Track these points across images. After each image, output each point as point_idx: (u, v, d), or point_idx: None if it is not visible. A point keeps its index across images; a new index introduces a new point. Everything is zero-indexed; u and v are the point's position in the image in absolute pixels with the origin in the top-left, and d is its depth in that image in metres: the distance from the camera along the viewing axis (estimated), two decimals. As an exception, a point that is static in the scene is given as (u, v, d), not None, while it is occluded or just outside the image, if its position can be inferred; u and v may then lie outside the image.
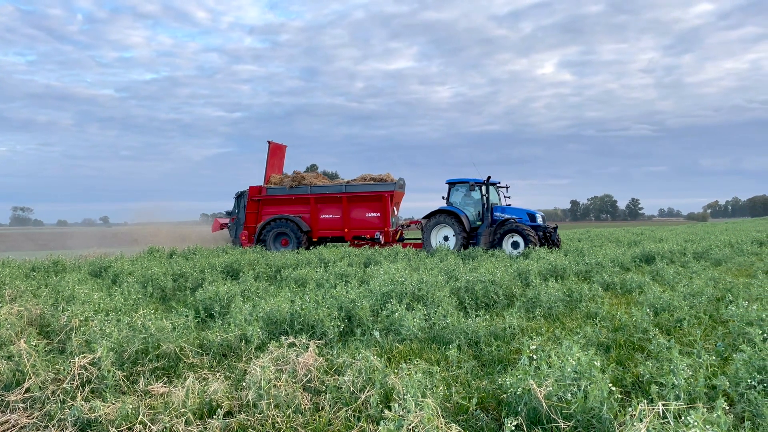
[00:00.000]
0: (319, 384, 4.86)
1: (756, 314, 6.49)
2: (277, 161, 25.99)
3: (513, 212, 20.68)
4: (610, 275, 11.51)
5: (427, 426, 3.49)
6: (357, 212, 22.81)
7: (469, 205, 21.06)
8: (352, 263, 15.10)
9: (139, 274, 12.05)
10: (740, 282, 10.35)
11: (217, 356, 6.06)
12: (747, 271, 13.29)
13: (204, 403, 4.51)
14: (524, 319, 7.83)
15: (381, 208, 22.53)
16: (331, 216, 23.06)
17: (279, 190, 23.79)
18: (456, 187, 21.38)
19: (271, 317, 6.98)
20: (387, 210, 22.31)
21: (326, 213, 23.13)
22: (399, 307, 7.28)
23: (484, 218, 20.66)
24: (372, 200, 22.62)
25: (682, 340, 6.41)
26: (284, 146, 26.77)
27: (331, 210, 23.07)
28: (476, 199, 20.96)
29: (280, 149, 26.34)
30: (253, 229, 23.55)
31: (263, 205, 23.89)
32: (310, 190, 23.25)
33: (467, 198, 21.12)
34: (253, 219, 23.83)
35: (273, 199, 23.75)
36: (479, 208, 20.93)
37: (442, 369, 5.49)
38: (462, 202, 21.15)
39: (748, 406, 4.27)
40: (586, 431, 3.88)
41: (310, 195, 23.15)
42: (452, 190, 21.42)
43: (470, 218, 20.56)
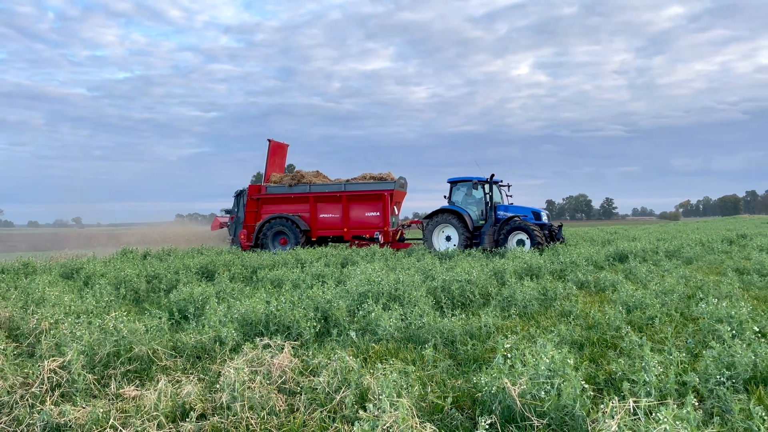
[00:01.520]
0: (294, 385, 4.83)
1: (725, 311, 6.62)
2: (278, 160, 25.73)
3: (517, 210, 20.35)
4: (584, 274, 11.64)
5: (401, 426, 3.49)
6: (356, 211, 22.54)
7: (472, 204, 20.69)
8: (329, 263, 15.06)
9: (112, 275, 11.86)
10: (710, 280, 10.54)
11: (190, 358, 5.99)
12: (717, 269, 13.54)
13: (177, 405, 4.46)
14: (500, 318, 7.88)
15: (380, 208, 22.22)
16: (331, 215, 22.82)
17: (278, 189, 23.55)
18: (458, 186, 21.01)
19: (246, 318, 6.92)
20: (386, 209, 21.98)
21: (325, 212, 22.89)
22: (375, 307, 7.28)
23: (488, 217, 20.25)
24: (371, 199, 22.32)
25: (653, 338, 6.50)
26: (286, 145, 26.51)
27: (331, 209, 22.82)
28: (478, 197, 20.61)
29: (281, 148, 26.09)
30: (252, 228, 23.29)
31: (263, 203, 23.66)
32: (310, 188, 22.99)
33: (469, 197, 20.76)
34: (252, 218, 23.58)
35: (272, 197, 23.51)
36: (482, 206, 20.55)
37: (417, 368, 5.50)
38: (464, 201, 20.77)
39: (718, 402, 4.35)
40: (560, 429, 3.92)
41: (309, 194, 22.89)
42: (454, 189, 21.04)
43: (473, 217, 20.19)
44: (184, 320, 7.99)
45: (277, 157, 25.50)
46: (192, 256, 17.45)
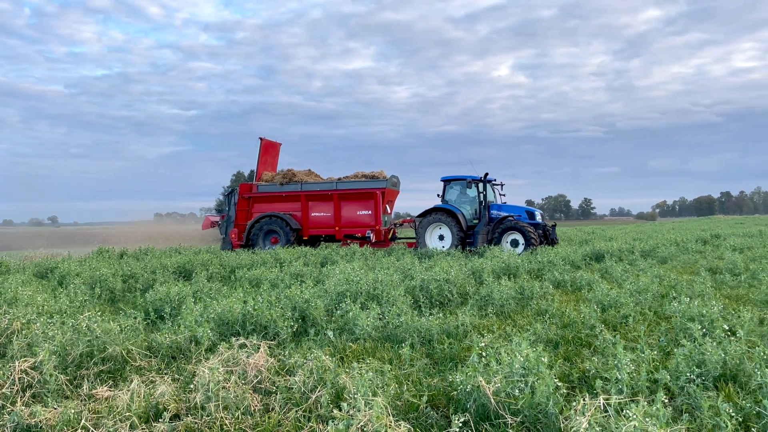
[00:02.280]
0: (269, 385, 4.82)
1: (697, 310, 6.74)
2: (270, 158, 25.51)
3: (511, 210, 20.21)
4: (561, 273, 11.76)
5: (375, 424, 3.50)
6: (348, 210, 22.37)
7: (465, 202, 20.52)
8: (308, 263, 15.03)
9: (87, 275, 11.71)
10: (684, 279, 10.71)
11: (165, 358, 5.94)
12: (691, 269, 13.76)
13: (150, 406, 4.41)
14: (477, 316, 7.93)
15: (372, 206, 22.05)
16: (322, 214, 22.66)
17: (270, 188, 23.35)
18: (451, 184, 20.81)
19: (222, 318, 6.88)
20: (378, 208, 21.83)
21: (317, 211, 22.73)
22: (353, 307, 7.28)
23: (481, 216, 20.07)
24: (363, 198, 22.14)
25: (627, 336, 6.59)
26: (278, 144, 26.27)
27: (322, 207, 22.66)
28: (472, 196, 20.45)
29: (273, 146, 25.86)
30: (243, 227, 23.10)
31: (254, 202, 23.46)
32: (301, 187, 22.82)
33: (463, 195, 20.59)
34: (243, 216, 23.37)
35: (264, 196, 23.31)
36: (476, 205, 20.38)
37: (394, 367, 5.51)
38: (458, 200, 20.59)
39: (688, 399, 4.42)
40: (533, 426, 3.96)
41: (300, 192, 22.71)
42: (447, 188, 20.84)
43: (467, 216, 20.01)
44: (160, 320, 7.91)
45: (268, 156, 25.28)
46: (169, 255, 17.29)
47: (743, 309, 7.02)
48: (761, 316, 7.33)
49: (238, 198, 23.49)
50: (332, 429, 3.45)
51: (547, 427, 3.89)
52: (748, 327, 6.07)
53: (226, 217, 24.16)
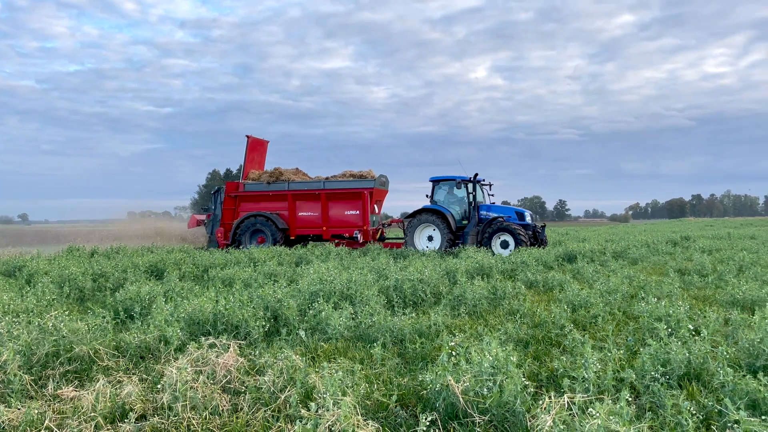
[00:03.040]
0: (239, 385, 4.79)
1: (664, 310, 6.87)
2: (257, 156, 25.20)
3: (500, 210, 20.12)
4: (533, 274, 11.87)
5: (343, 424, 3.50)
6: (336, 210, 22.16)
7: (454, 203, 20.40)
8: (283, 262, 14.96)
9: (56, 274, 11.50)
10: (653, 280, 10.89)
11: (134, 358, 5.87)
12: (660, 270, 14.00)
13: (116, 406, 4.36)
14: (449, 316, 7.97)
15: (360, 206, 21.84)
16: (310, 213, 22.43)
17: (257, 186, 23.07)
18: (440, 184, 20.68)
19: (193, 318, 6.81)
20: (366, 208, 21.62)
21: (304, 210, 22.49)
22: (326, 306, 7.27)
23: (471, 217, 19.96)
24: (351, 197, 21.92)
25: (595, 336, 6.68)
26: (265, 141, 25.97)
27: (310, 207, 22.42)
28: (460, 197, 20.34)
29: (261, 144, 25.56)
30: (229, 226, 22.80)
31: (240, 201, 23.17)
32: (288, 186, 22.56)
33: (451, 196, 20.46)
34: (230, 216, 23.05)
35: (250, 195, 23.03)
36: (465, 206, 20.26)
37: (365, 367, 5.51)
38: (446, 200, 20.46)
39: (652, 398, 4.50)
40: (501, 424, 3.99)
41: (287, 191, 22.45)
42: (436, 188, 20.71)
43: (456, 217, 19.88)
44: (129, 320, 7.81)
45: (255, 154, 24.97)
46: (141, 254, 17.07)
47: (709, 309, 7.19)
48: (726, 316, 7.49)
49: (225, 196, 23.18)
50: (300, 428, 3.44)
51: (515, 425, 3.93)
52: (713, 327, 6.21)
53: (212, 216, 23.87)
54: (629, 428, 3.34)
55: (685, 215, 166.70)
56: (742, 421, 3.28)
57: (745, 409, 3.64)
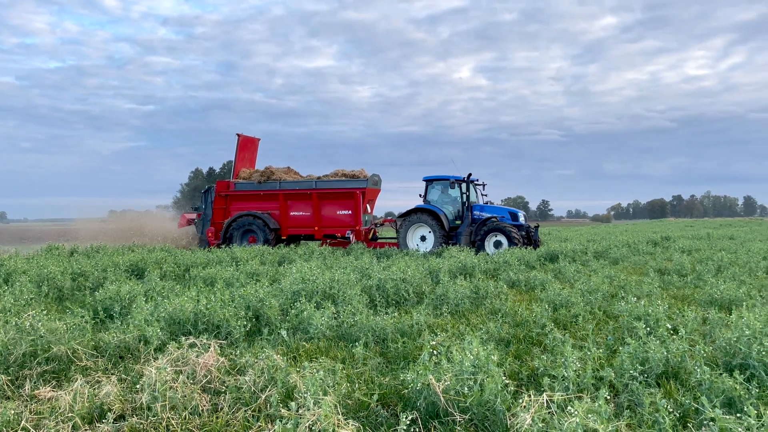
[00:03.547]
0: (219, 384, 4.76)
1: (644, 310, 6.95)
2: (248, 155, 24.86)
3: (494, 211, 20.04)
4: (515, 273, 11.94)
5: (323, 423, 3.49)
6: (328, 209, 21.89)
7: (447, 203, 20.28)
8: (265, 261, 14.90)
9: (34, 273, 11.34)
10: (633, 279, 11.01)
11: (113, 358, 5.81)
12: (641, 270, 14.15)
13: (94, 407, 4.31)
14: (432, 315, 7.99)
15: (352, 206, 21.55)
16: (302, 213, 22.15)
17: (247, 185, 22.75)
18: (433, 184, 20.56)
19: (173, 317, 6.76)
20: (358, 208, 21.35)
21: (296, 210, 22.21)
22: (308, 306, 7.25)
23: (464, 217, 19.88)
24: (343, 197, 21.64)
25: (576, 335, 6.74)
26: (257, 139, 25.60)
27: (301, 207, 22.15)
28: (454, 197, 20.25)
29: (252, 142, 25.20)
30: (220, 226, 22.49)
31: (231, 200, 22.88)
32: (280, 185, 22.25)
33: (445, 196, 20.34)
34: (220, 215, 22.74)
35: (241, 194, 22.73)
36: (458, 206, 20.17)
37: (347, 366, 5.51)
38: (440, 200, 20.34)
39: (631, 396, 4.55)
40: (481, 423, 4.01)
41: (279, 191, 22.15)
42: (429, 188, 20.58)
43: (449, 217, 19.78)
44: (109, 319, 7.72)
45: (246, 152, 24.63)
46: (122, 253, 16.90)
47: (687, 309, 7.27)
48: (704, 315, 7.59)
49: (215, 196, 22.89)
50: (280, 428, 3.43)
51: (495, 423, 3.95)
52: (691, 326, 6.29)
53: (203, 216, 23.60)
54: (607, 426, 3.38)
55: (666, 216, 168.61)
56: (718, 419, 3.32)
57: (721, 407, 3.70)
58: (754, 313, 5.90)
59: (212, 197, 23.12)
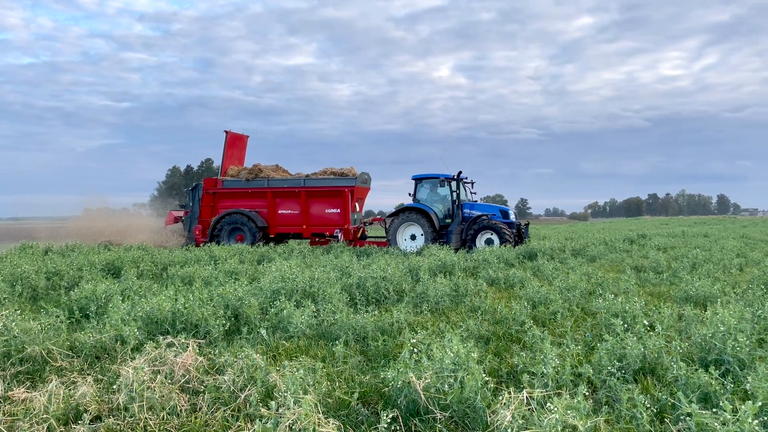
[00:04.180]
0: (198, 384, 4.71)
1: (621, 306, 7.03)
2: (237, 152, 24.58)
3: (484, 209, 20.00)
4: (495, 271, 12.01)
5: (304, 422, 3.47)
6: (316, 208, 21.68)
7: (437, 201, 20.19)
8: (244, 260, 14.79)
9: (7, 272, 11.12)
10: (610, 277, 11.14)
11: (89, 359, 5.72)
12: (617, 267, 14.33)
13: (70, 408, 4.24)
14: (412, 313, 8.00)
15: (341, 204, 21.37)
16: (290, 211, 21.91)
17: (235, 183, 22.50)
18: (422, 182, 20.45)
19: (151, 317, 6.67)
20: (347, 206, 21.15)
21: (284, 208, 21.97)
22: (288, 305, 7.21)
23: (454, 215, 19.79)
24: (332, 195, 21.45)
25: (555, 332, 6.80)
26: (245, 137, 25.32)
27: (290, 205, 21.90)
28: (444, 195, 20.16)
29: (240, 140, 24.92)
30: (207, 224, 22.21)
31: (219, 198, 22.61)
32: (268, 183, 21.99)
33: (434, 194, 20.25)
34: (208, 213, 22.48)
35: (229, 192, 22.48)
36: (448, 204, 20.08)
37: (327, 365, 5.49)
38: (429, 199, 20.24)
39: (609, 392, 4.60)
40: (461, 420, 4.03)
41: (267, 189, 21.89)
42: (419, 186, 20.47)
43: (439, 215, 19.69)
44: (85, 319, 7.60)
45: (234, 150, 24.37)
46: (98, 252, 16.66)
47: (663, 305, 7.37)
48: (680, 312, 7.71)
49: (203, 193, 22.63)
50: (259, 427, 3.40)
51: (475, 421, 3.97)
52: (667, 323, 6.38)
53: (190, 213, 23.31)
54: (586, 422, 3.41)
55: (642, 214, 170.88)
56: (695, 414, 3.37)
57: (697, 402, 3.75)
58: (728, 310, 6.00)
59: (200, 195, 22.86)
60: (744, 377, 4.59)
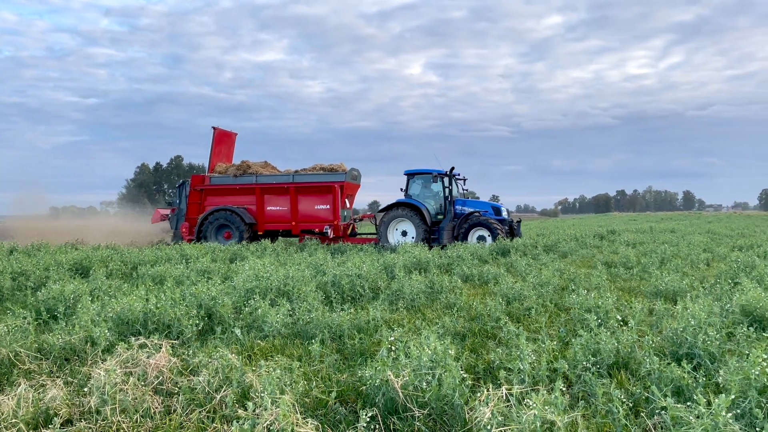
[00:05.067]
0: (172, 386, 4.62)
1: (593, 302, 7.12)
2: (225, 149, 24.13)
3: (476, 205, 19.87)
4: (469, 268, 12.06)
5: (282, 422, 3.43)
6: (305, 204, 21.29)
7: (429, 197, 19.97)
8: (216, 259, 14.61)
9: (-29, 273, 10.80)
10: (582, 272, 11.28)
11: (58, 361, 5.58)
12: (589, 263, 14.53)
13: (40, 411, 4.13)
14: (388, 311, 7.98)
15: (330, 201, 21.02)
16: (278, 208, 21.53)
17: (223, 180, 22.08)
18: (414, 178, 20.25)
19: (122, 317, 6.54)
20: (337, 202, 20.83)
21: (273, 204, 21.58)
22: (262, 304, 7.14)
23: (447, 212, 19.58)
24: (321, 191, 21.12)
25: (529, 328, 6.85)
26: (233, 134, 24.90)
27: (278, 201, 21.52)
28: (436, 191, 19.95)
29: (228, 136, 24.49)
30: (194, 221, 21.76)
31: (207, 195, 22.15)
32: (256, 179, 21.61)
33: (426, 190, 20.03)
34: (195, 210, 22.01)
35: (217, 188, 22.04)
36: (440, 200, 19.88)
37: (303, 364, 5.44)
38: (421, 194, 20.03)
39: (584, 387, 4.65)
40: (440, 417, 4.02)
41: (255, 185, 21.50)
42: (411, 182, 20.26)
43: (431, 211, 19.48)
44: (53, 320, 7.42)
45: (222, 146, 23.97)
46: (65, 251, 16.29)
47: (635, 300, 7.48)
48: (650, 306, 7.84)
49: (190, 190, 22.18)
50: (237, 429, 3.35)
51: (453, 418, 3.97)
52: (639, 317, 6.46)
53: (177, 210, 22.83)
54: (564, 418, 3.43)
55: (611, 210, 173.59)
56: (670, 408, 3.42)
57: (671, 396, 3.81)
58: (698, 304, 6.12)
59: (187, 191, 22.42)
60: (715, 370, 4.69)
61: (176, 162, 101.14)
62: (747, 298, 6.88)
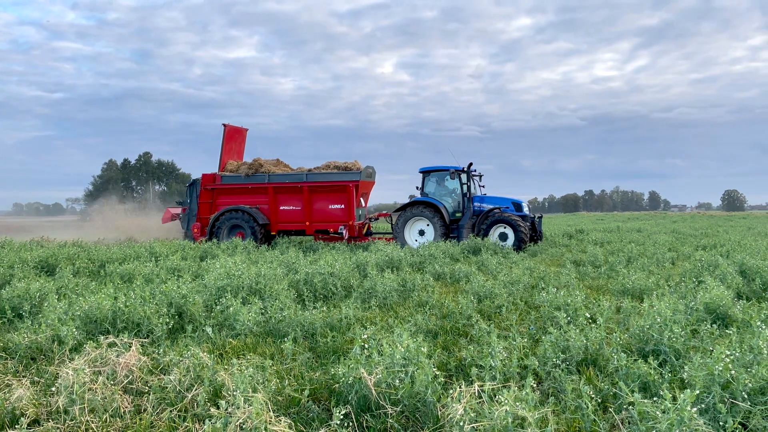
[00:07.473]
0: (142, 385, 4.57)
1: (563, 300, 7.24)
2: (236, 146, 23.52)
3: (496, 201, 19.24)
4: (441, 266, 12.14)
5: (255, 421, 3.42)
6: (319, 204, 20.76)
7: (446, 195, 19.47)
8: (187, 257, 14.44)
9: (-70, 270, 10.50)
10: (552, 271, 11.45)
11: (24, 360, 5.46)
12: (558, 261, 14.74)
13: (5, 412, 4.04)
14: (360, 309, 7.99)
15: (345, 200, 20.45)
16: (292, 207, 20.99)
17: (235, 179, 21.51)
18: (430, 176, 19.70)
19: (90, 316, 6.42)
20: (351, 202, 20.31)
21: (286, 204, 21.03)
22: (234, 302, 7.08)
23: (465, 209, 19.09)
24: (335, 191, 20.54)
25: (500, 325, 6.93)
26: (244, 129, 24.20)
27: (292, 201, 20.97)
28: (452, 188, 19.46)
29: (239, 133, 23.84)
30: (206, 221, 21.24)
31: (218, 194, 21.60)
32: (269, 178, 21.05)
33: (442, 188, 19.56)
34: (206, 209, 21.48)
35: (228, 188, 21.48)
36: (458, 198, 19.34)
37: (276, 362, 5.43)
38: (437, 192, 19.55)
39: (554, 383, 4.73)
40: (412, 414, 4.05)
41: (268, 184, 20.95)
42: (426, 180, 19.75)
43: (449, 209, 18.99)
44: (18, 319, 7.26)
45: (233, 143, 23.37)
46: (30, 248, 15.92)
47: (603, 298, 7.63)
48: (618, 304, 7.99)
49: (201, 189, 21.65)
50: (209, 428, 3.33)
51: (426, 415, 4.00)
52: (607, 315, 6.60)
53: (188, 210, 22.30)
54: (535, 413, 3.49)
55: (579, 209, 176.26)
56: (637, 403, 3.50)
57: (638, 391, 3.90)
58: (663, 302, 6.26)
59: (198, 191, 21.91)
60: (680, 367, 4.81)
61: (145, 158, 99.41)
62: (710, 296, 7.08)
